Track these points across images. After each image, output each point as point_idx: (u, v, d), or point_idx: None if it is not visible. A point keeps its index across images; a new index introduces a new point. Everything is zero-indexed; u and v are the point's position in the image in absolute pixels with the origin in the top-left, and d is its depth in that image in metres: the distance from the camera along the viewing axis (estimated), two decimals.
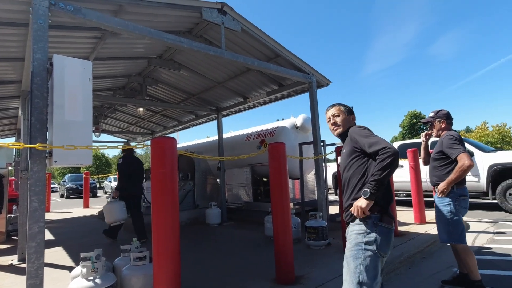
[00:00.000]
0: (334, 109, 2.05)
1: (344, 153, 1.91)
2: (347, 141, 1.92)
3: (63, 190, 20.21)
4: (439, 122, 3.03)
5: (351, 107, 2.09)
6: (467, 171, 2.69)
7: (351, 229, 1.77)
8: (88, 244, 5.27)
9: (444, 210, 2.82)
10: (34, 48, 2.28)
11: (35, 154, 2.20)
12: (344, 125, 2.01)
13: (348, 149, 1.87)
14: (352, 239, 1.73)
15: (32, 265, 2.12)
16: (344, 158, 1.90)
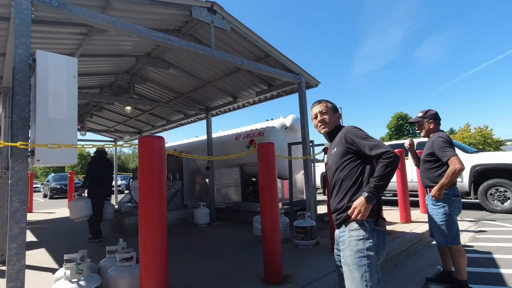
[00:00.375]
0: (321, 105, 1.97)
1: (336, 153, 1.82)
2: (338, 141, 1.83)
3: (47, 190, 19.64)
4: (427, 123, 3.03)
5: (340, 108, 2.09)
6: (459, 174, 2.71)
7: (348, 234, 1.69)
8: (73, 245, 5.15)
9: (439, 213, 2.82)
10: (16, 43, 2.21)
11: (16, 152, 2.13)
12: (332, 123, 1.95)
13: (340, 149, 1.79)
14: (352, 245, 1.66)
15: (13, 267, 2.05)
16: (336, 158, 1.81)
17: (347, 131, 1.80)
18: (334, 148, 1.84)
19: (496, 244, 4.39)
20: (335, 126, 1.95)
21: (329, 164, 1.89)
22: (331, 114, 1.95)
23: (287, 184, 7.00)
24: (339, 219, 1.76)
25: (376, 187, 1.60)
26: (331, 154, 1.86)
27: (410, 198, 5.95)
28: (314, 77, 5.52)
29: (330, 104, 1.98)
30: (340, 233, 1.76)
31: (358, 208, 1.63)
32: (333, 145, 1.88)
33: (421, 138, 8.92)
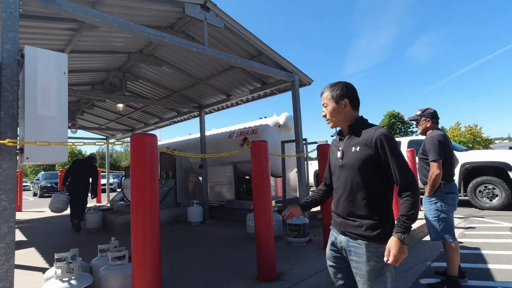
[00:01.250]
0: (322, 97, 1.70)
1: (358, 154, 1.53)
2: (365, 141, 1.53)
3: (37, 189, 19.31)
4: (424, 121, 3.07)
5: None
6: (437, 179, 2.77)
7: (367, 249, 1.49)
8: (64, 244, 5.08)
9: (431, 209, 2.89)
10: (3, 38, 2.16)
11: (4, 150, 2.09)
12: (335, 115, 1.65)
13: (366, 152, 1.51)
14: (371, 261, 1.48)
15: (1, 267, 2.01)
16: (356, 159, 1.53)
17: (383, 137, 1.49)
18: (357, 147, 1.55)
19: (484, 240, 4.48)
20: (354, 118, 1.64)
21: (346, 161, 1.58)
22: (331, 105, 1.65)
23: (280, 182, 7.02)
24: (355, 228, 1.52)
25: (410, 225, 1.42)
26: (350, 151, 1.57)
27: None
28: (307, 75, 5.54)
29: (330, 92, 1.66)
30: (352, 242, 1.54)
31: (396, 254, 1.38)
32: (353, 141, 1.58)
33: (413, 137, 9.04)
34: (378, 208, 1.50)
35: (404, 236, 1.39)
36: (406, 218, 1.41)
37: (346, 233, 1.57)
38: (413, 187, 1.44)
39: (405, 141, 8.42)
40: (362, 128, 1.60)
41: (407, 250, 1.41)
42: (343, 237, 1.60)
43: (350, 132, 1.63)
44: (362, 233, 1.49)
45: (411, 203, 1.42)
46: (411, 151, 6.49)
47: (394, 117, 48.07)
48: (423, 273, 3.34)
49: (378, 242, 1.47)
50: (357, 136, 1.58)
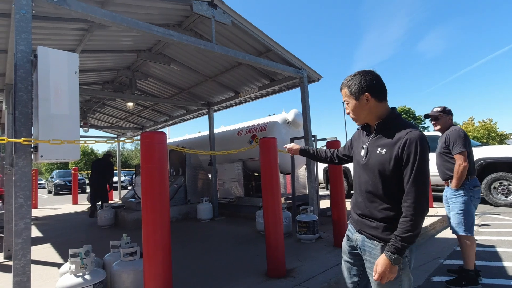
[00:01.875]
0: (343, 93, 1.55)
1: (384, 156, 1.39)
2: (393, 143, 1.37)
3: (51, 187, 19.81)
4: (445, 117, 3.09)
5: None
6: (464, 171, 2.78)
7: (382, 252, 1.40)
8: (77, 240, 5.20)
9: (458, 202, 2.86)
10: (17, 39, 2.21)
11: (20, 149, 2.14)
12: (359, 113, 1.50)
13: (391, 156, 1.37)
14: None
15: (19, 262, 2.07)
16: (381, 162, 1.40)
17: (415, 143, 1.32)
18: (383, 149, 1.40)
19: (499, 238, 4.38)
20: (385, 114, 1.47)
21: (369, 161, 1.46)
22: (352, 102, 1.49)
23: (289, 179, 7.00)
24: (372, 229, 1.45)
25: (403, 248, 1.31)
26: (375, 151, 1.44)
27: None
28: (316, 71, 5.49)
29: (347, 88, 1.50)
30: (368, 242, 1.48)
31: (381, 272, 1.35)
32: (380, 142, 1.44)
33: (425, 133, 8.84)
34: (396, 213, 1.39)
35: (393, 256, 1.31)
36: (400, 239, 1.30)
37: (363, 232, 1.51)
38: (419, 212, 1.30)
39: None
40: (392, 127, 1.42)
41: (396, 270, 1.35)
42: (359, 236, 1.53)
43: (377, 131, 1.47)
44: (379, 235, 1.42)
45: (410, 225, 1.29)
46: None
47: (405, 113, 47.23)
48: (435, 271, 3.29)
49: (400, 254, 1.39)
50: (385, 137, 1.42)
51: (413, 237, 1.30)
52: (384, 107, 1.48)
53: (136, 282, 2.67)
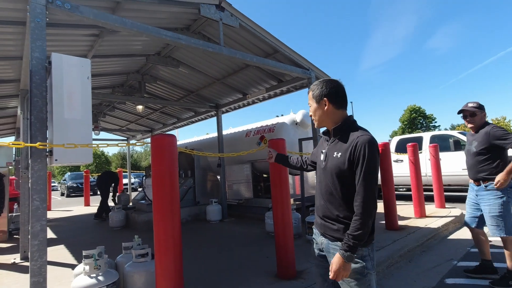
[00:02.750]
0: (308, 95, 1.63)
1: (339, 160, 1.46)
2: (346, 148, 1.45)
3: (64, 189, 20.24)
4: (481, 114, 2.96)
5: (351, 102, 1.65)
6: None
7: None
8: (90, 241, 5.30)
9: (496, 203, 2.78)
10: (32, 46, 2.27)
11: (35, 153, 2.20)
12: (318, 116, 1.58)
13: (345, 159, 1.44)
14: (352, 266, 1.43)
15: (35, 263, 2.13)
16: (335, 164, 1.47)
17: (365, 145, 1.40)
18: (339, 153, 1.48)
19: None
20: (341, 119, 1.54)
21: (327, 165, 1.53)
22: (314, 106, 1.58)
23: (298, 180, 6.98)
24: (334, 231, 1.49)
25: (355, 245, 1.37)
26: (332, 156, 1.51)
27: (424, 192, 5.84)
28: (323, 71, 5.47)
29: (311, 92, 1.60)
30: (332, 244, 1.50)
31: (335, 270, 1.39)
32: (337, 146, 1.52)
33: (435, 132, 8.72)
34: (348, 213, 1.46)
35: (346, 254, 1.36)
36: (352, 237, 1.36)
37: (326, 235, 1.54)
38: (367, 210, 1.37)
39: (427, 136, 8.15)
40: (347, 132, 1.51)
41: (350, 267, 1.39)
42: (324, 239, 1.56)
43: (334, 135, 1.56)
44: (341, 237, 1.46)
45: (359, 224, 1.36)
46: (434, 147, 6.28)
47: (415, 112, 46.52)
48: (448, 273, 3.23)
49: (361, 259, 1.44)
50: (341, 141, 1.51)
51: (363, 235, 1.36)
52: (341, 114, 1.56)
53: (148, 283, 2.71)
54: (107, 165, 47.83)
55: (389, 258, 3.46)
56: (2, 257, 4.61)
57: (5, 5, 2.92)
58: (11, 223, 6.31)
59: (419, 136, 8.35)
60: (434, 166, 6.25)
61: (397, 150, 8.28)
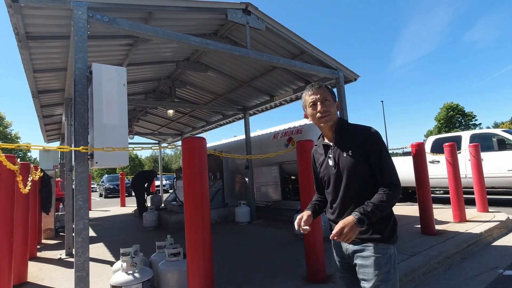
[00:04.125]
0: (322, 91, 1.56)
1: (349, 157, 1.47)
2: (355, 142, 1.48)
3: (102, 190, 21.49)
4: None
5: (381, 101, 1.73)
6: None
7: (375, 252, 1.42)
8: (126, 240, 5.58)
9: None
10: (75, 58, 2.46)
11: (79, 156, 2.38)
12: (334, 114, 1.58)
13: (357, 155, 1.46)
14: (380, 266, 1.41)
15: (79, 258, 2.29)
16: (352, 163, 1.47)
17: (373, 135, 1.47)
18: (349, 151, 1.48)
19: None
20: (338, 120, 1.58)
21: (340, 168, 1.51)
22: (332, 102, 1.56)
23: None
24: (361, 233, 1.44)
25: (373, 213, 1.35)
26: (342, 156, 1.50)
27: (464, 195, 5.47)
28: (352, 71, 5.34)
29: (329, 90, 1.60)
30: (359, 247, 1.47)
31: (346, 230, 1.33)
32: (343, 146, 1.52)
33: (475, 130, 8.15)
34: None
35: (359, 216, 1.34)
36: (373, 206, 1.36)
37: (354, 240, 1.44)
38: (396, 188, 1.40)
39: (467, 135, 7.64)
40: (348, 130, 1.54)
41: (356, 232, 1.35)
42: (349, 245, 1.51)
43: (336, 137, 1.56)
44: (369, 237, 1.45)
45: (387, 198, 1.37)
46: (474, 146, 5.87)
47: (453, 110, 43.80)
48: (493, 282, 3.00)
49: (385, 242, 1.44)
50: (345, 140, 1.52)
51: (385, 209, 1.37)
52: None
53: (180, 282, 2.81)
54: (141, 167, 50.06)
55: (426, 264, 3.29)
56: (50, 252, 5.00)
57: (52, 22, 3.20)
58: (57, 222, 6.83)
59: (458, 135, 7.85)
60: (475, 167, 5.84)
61: (432, 150, 7.84)
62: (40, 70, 4.44)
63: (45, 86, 5.21)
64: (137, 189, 8.56)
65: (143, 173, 8.98)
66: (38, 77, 4.67)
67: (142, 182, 8.62)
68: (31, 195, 4.20)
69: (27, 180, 3.74)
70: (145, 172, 9.03)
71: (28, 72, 4.23)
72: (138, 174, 8.90)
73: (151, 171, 9.28)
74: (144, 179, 8.70)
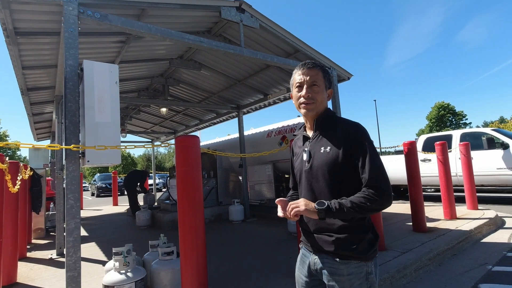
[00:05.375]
0: (312, 73, 1.31)
1: (329, 155, 1.26)
2: (336, 138, 1.27)
3: (94, 189, 21.24)
4: None
5: (374, 100, 1.49)
6: None
7: (347, 271, 1.21)
8: (119, 239, 5.53)
9: None
10: (66, 55, 2.42)
11: (70, 154, 2.34)
12: (321, 103, 1.32)
13: (338, 151, 1.24)
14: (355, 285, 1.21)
15: (71, 258, 2.26)
16: (327, 161, 1.25)
17: (359, 131, 1.26)
18: (327, 147, 1.28)
19: None
20: (323, 111, 1.34)
21: (314, 164, 1.30)
22: (322, 88, 1.32)
23: None
24: (331, 244, 1.24)
25: (340, 205, 1.14)
26: (319, 152, 1.30)
27: (455, 193, 5.57)
28: (346, 70, 5.37)
29: (324, 73, 1.34)
30: (329, 263, 1.25)
31: (300, 204, 1.18)
32: (322, 140, 1.31)
33: (466, 129, 8.28)
34: (355, 219, 1.22)
35: (320, 208, 1.14)
36: (346, 201, 1.14)
37: (321, 252, 1.28)
38: (383, 193, 1.14)
39: (457, 134, 7.76)
40: (332, 123, 1.33)
41: (310, 215, 1.16)
42: (317, 258, 1.30)
43: (317, 129, 1.35)
44: (340, 251, 1.22)
45: (366, 200, 1.13)
46: (464, 145, 5.97)
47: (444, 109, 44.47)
48: (482, 278, 3.06)
49: (360, 259, 1.21)
50: (327, 134, 1.31)
51: (361, 209, 1.13)
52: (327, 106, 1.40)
53: (174, 281, 2.79)
54: (133, 166, 49.62)
55: (417, 261, 3.34)
56: (40, 252, 4.92)
57: (42, 17, 3.13)
58: (48, 221, 6.72)
59: (448, 134, 7.97)
60: (465, 166, 5.94)
61: (424, 149, 7.95)
62: (29, 67, 4.35)
63: (35, 83, 5.10)
64: (129, 188, 8.52)
65: (135, 172, 8.94)
66: (28, 74, 4.58)
67: (135, 182, 8.62)
68: (20, 194, 4.13)
69: (16, 179, 3.67)
70: (138, 172, 9.02)
71: (17, 69, 4.14)
72: (131, 173, 8.86)
73: (143, 171, 9.28)
74: (137, 179, 8.70)
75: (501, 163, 6.57)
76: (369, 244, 1.23)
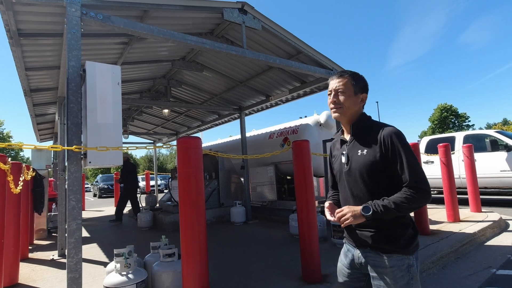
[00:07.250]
0: (341, 81, 1.46)
1: (366, 157, 1.36)
2: (372, 141, 1.37)
3: (96, 190, 21.27)
4: None
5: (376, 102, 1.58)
6: None
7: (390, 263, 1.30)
8: (120, 241, 5.52)
9: None
10: (69, 56, 2.42)
11: (72, 155, 2.34)
12: (349, 107, 1.44)
13: (375, 153, 1.34)
14: (396, 280, 1.29)
15: (72, 259, 2.25)
16: (365, 163, 1.36)
17: (393, 135, 1.33)
18: (364, 150, 1.38)
19: None
20: (358, 115, 1.46)
21: (352, 167, 1.41)
22: (350, 94, 1.44)
23: (323, 182, 6.87)
24: (374, 239, 1.34)
25: (385, 208, 1.24)
26: (356, 155, 1.41)
27: (458, 196, 5.52)
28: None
29: (353, 80, 1.45)
30: (372, 256, 1.36)
31: (348, 216, 1.29)
32: (359, 143, 1.42)
33: (469, 131, 8.24)
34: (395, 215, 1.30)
35: (366, 205, 1.28)
36: (388, 201, 1.25)
37: (364, 246, 1.39)
38: (422, 192, 1.24)
39: (460, 136, 7.71)
40: (367, 127, 1.43)
41: (358, 221, 1.28)
42: (360, 252, 1.41)
43: (353, 133, 1.46)
44: (382, 245, 1.32)
45: (407, 199, 1.23)
46: (468, 147, 5.93)
47: (446, 111, 44.31)
48: (486, 282, 3.03)
49: (401, 253, 1.30)
50: (363, 137, 1.42)
51: (403, 208, 1.23)
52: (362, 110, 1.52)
53: (175, 283, 2.78)
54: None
55: (420, 264, 3.31)
56: (42, 253, 4.92)
57: (45, 19, 3.14)
58: (49, 222, 6.73)
59: (451, 136, 7.93)
60: (469, 168, 5.90)
61: (427, 151, 7.91)
62: (32, 68, 4.37)
63: (38, 84, 5.13)
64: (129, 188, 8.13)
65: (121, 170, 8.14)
66: (31, 75, 4.60)
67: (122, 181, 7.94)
68: (23, 195, 4.13)
69: (19, 179, 3.67)
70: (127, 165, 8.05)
71: (20, 70, 4.16)
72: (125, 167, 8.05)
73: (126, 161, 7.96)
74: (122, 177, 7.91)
75: (505, 165, 6.53)
76: (410, 238, 1.32)
